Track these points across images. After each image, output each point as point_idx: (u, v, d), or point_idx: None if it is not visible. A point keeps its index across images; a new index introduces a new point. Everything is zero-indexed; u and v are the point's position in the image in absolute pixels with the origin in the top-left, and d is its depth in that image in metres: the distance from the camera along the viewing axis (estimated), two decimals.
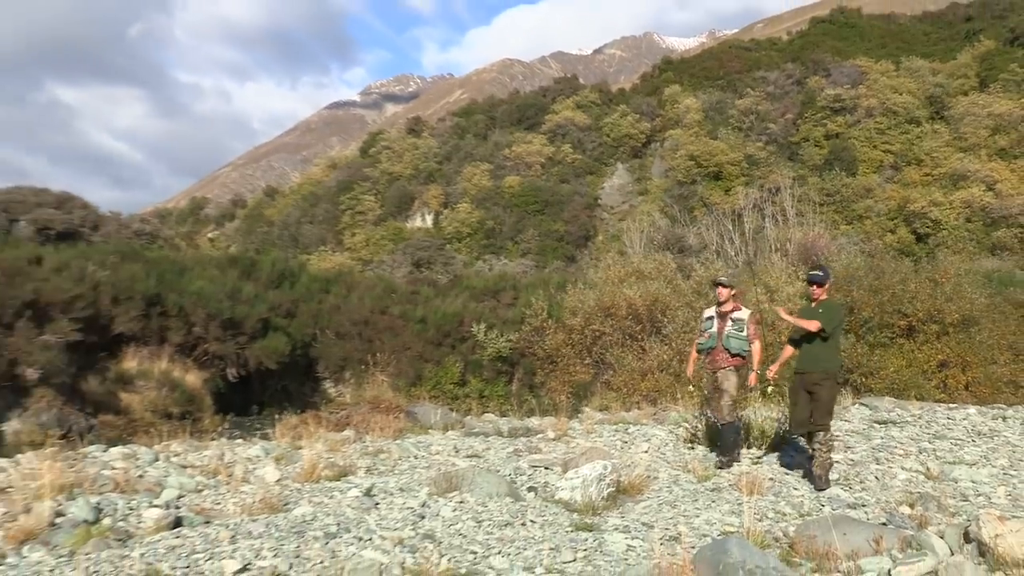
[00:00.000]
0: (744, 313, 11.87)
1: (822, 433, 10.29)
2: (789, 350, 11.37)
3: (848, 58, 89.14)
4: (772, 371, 11.32)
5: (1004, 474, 10.55)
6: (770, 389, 12.27)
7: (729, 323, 11.72)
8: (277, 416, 17.68)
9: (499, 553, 7.59)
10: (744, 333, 11.66)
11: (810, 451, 10.60)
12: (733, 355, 11.63)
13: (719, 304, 11.93)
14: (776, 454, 12.04)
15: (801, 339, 10.93)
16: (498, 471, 10.90)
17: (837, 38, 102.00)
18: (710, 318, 12.07)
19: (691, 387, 14.30)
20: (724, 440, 11.73)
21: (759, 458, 12.01)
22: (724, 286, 11.86)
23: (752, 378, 11.66)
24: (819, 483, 10.04)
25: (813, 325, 10.63)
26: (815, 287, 10.99)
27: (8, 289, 25.89)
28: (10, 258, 27.64)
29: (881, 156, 77.82)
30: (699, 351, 12.13)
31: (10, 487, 9.62)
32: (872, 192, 72.03)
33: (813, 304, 11.04)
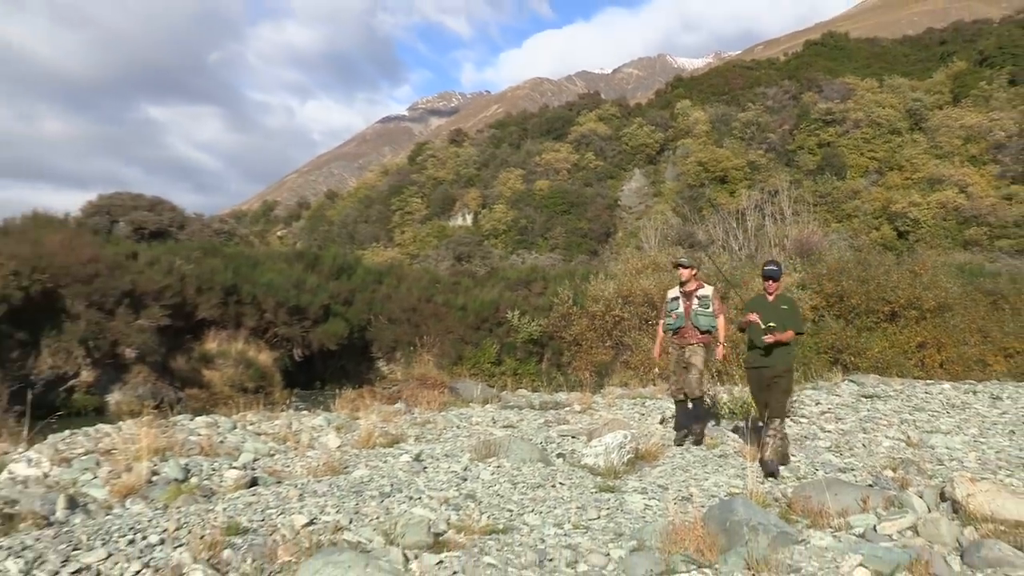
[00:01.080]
0: (708, 290, 11.06)
1: (778, 421, 9.26)
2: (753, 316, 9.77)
3: (838, 76, 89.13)
4: (753, 317, 9.69)
5: (975, 441, 10.52)
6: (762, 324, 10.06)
7: (695, 301, 10.91)
8: (337, 391, 17.71)
9: (532, 511, 7.63)
10: (710, 309, 10.90)
11: (764, 438, 9.31)
12: (702, 332, 10.87)
13: (682, 284, 11.09)
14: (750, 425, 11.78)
15: (757, 332, 9.61)
16: (531, 439, 10.92)
17: (828, 59, 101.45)
18: (675, 298, 11.16)
19: (656, 369, 13.67)
20: (697, 414, 10.96)
21: (735, 427, 11.92)
22: (685, 267, 11.07)
23: (719, 351, 10.90)
24: (768, 467, 8.96)
25: (789, 336, 9.49)
26: (771, 282, 9.83)
27: (110, 280, 26.18)
28: (111, 254, 27.95)
29: (867, 162, 78.38)
30: (666, 331, 11.25)
31: (114, 449, 9.75)
32: (859, 194, 72.28)
33: (770, 299, 9.81)
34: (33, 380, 23.15)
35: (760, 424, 9.75)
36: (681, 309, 10.93)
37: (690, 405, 11.11)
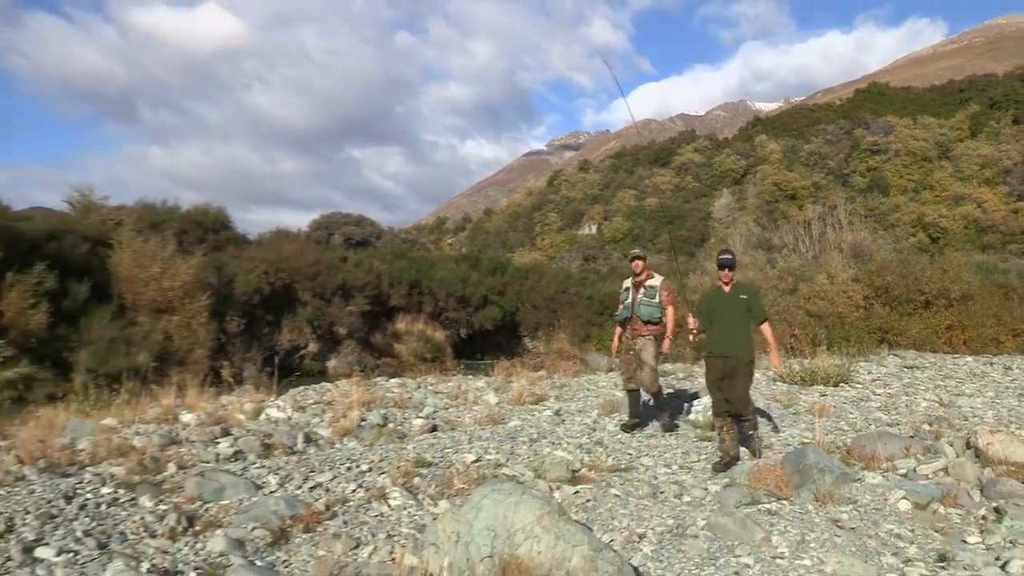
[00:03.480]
0: (656, 280, 8.73)
1: (748, 415, 7.41)
2: (693, 320, 7.74)
3: (881, 116, 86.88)
4: (691, 323, 7.72)
5: (992, 402, 10.04)
6: (694, 337, 8.27)
7: (642, 291, 8.63)
8: (494, 361, 17.87)
9: (647, 455, 7.62)
10: (656, 300, 8.50)
11: (747, 442, 7.54)
12: (646, 322, 8.49)
13: (635, 276, 8.75)
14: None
15: (717, 323, 7.57)
16: (646, 399, 10.88)
17: (873, 102, 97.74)
18: (626, 289, 8.92)
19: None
20: (658, 405, 8.86)
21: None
22: (638, 258, 8.80)
23: (666, 344, 8.59)
24: (756, 451, 7.38)
25: (767, 329, 7.65)
26: (726, 271, 7.61)
27: (328, 277, 27.13)
28: (329, 258, 28.91)
29: (905, 183, 76.63)
30: (618, 322, 9.01)
31: (334, 401, 10.11)
32: (899, 208, 70.74)
33: (727, 289, 7.61)
34: (277, 349, 24.18)
35: (718, 420, 7.48)
36: (629, 299, 8.73)
37: (647, 399, 9.23)
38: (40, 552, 4.43)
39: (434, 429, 8.84)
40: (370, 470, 6.73)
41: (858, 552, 4.77)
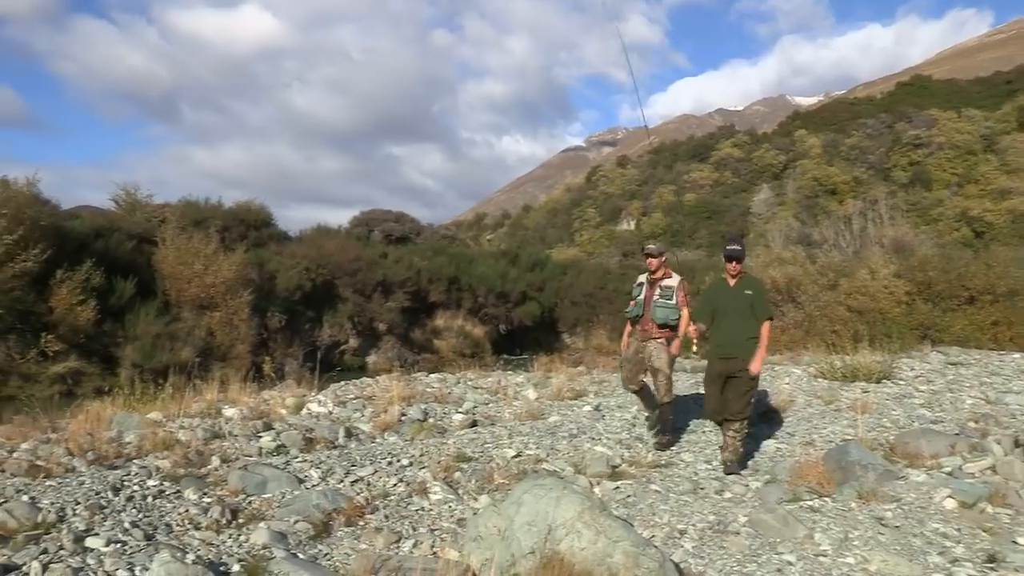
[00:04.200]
0: (674, 280, 7.84)
1: (738, 423, 6.80)
2: (700, 326, 7.19)
3: (924, 109, 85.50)
4: (692, 330, 7.25)
5: None
6: (695, 347, 7.83)
7: (657, 291, 7.79)
8: (533, 356, 17.82)
9: (687, 451, 7.57)
10: (673, 301, 7.68)
11: (723, 438, 7.03)
12: (660, 325, 7.65)
13: (651, 272, 7.91)
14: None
15: (721, 320, 7.00)
16: (685, 395, 10.80)
17: (916, 96, 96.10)
18: (639, 284, 8.05)
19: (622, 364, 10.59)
20: (663, 419, 7.89)
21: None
22: (652, 256, 7.90)
23: (675, 345, 7.71)
24: (729, 467, 6.80)
25: (766, 330, 6.92)
26: (733, 263, 6.98)
27: (368, 273, 27.34)
28: (369, 254, 29.14)
29: (949, 177, 75.05)
30: (628, 319, 8.19)
31: (374, 396, 10.17)
32: (942, 203, 69.21)
33: (733, 283, 6.99)
34: (318, 345, 24.46)
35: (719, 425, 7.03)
36: (642, 297, 7.89)
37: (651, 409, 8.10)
38: (90, 542, 4.52)
39: (474, 424, 8.85)
40: (411, 465, 6.77)
41: (903, 551, 4.70)
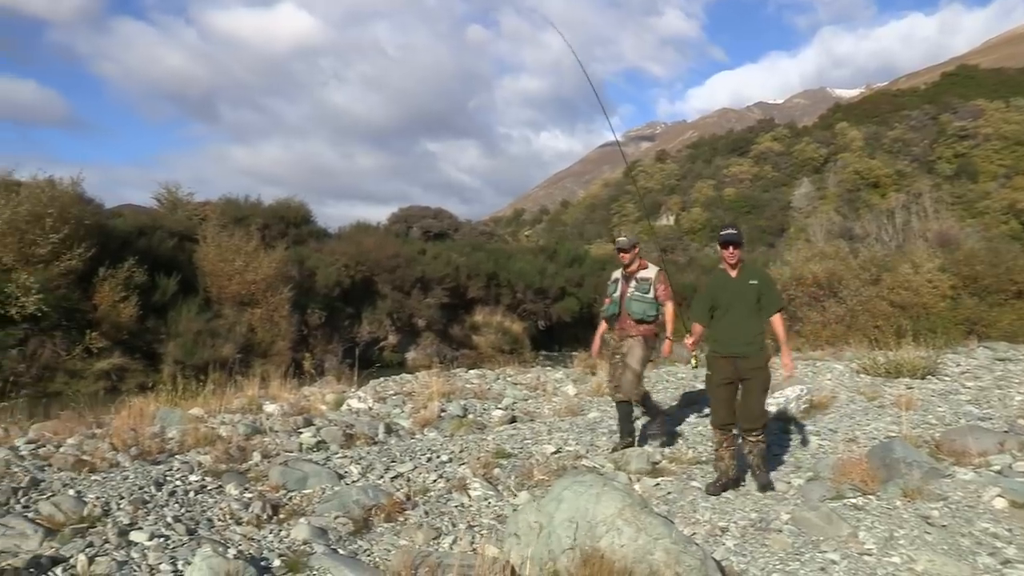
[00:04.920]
0: (650, 271, 7.22)
1: (760, 432, 6.07)
2: (699, 328, 6.39)
3: (970, 100, 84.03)
4: (690, 343, 6.54)
5: None
6: (694, 362, 6.83)
7: (633, 284, 7.17)
8: (572, 352, 17.78)
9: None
10: (650, 295, 7.10)
11: (746, 456, 6.21)
12: (637, 321, 7.08)
13: (625, 267, 7.26)
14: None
15: (724, 315, 6.10)
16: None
17: (961, 86, 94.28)
18: (615, 280, 7.39)
19: (593, 367, 9.27)
20: (650, 414, 7.61)
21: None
22: (623, 250, 7.21)
23: (666, 347, 7.33)
24: (762, 478, 6.09)
25: (779, 322, 6.18)
26: (731, 249, 6.04)
27: (407, 270, 27.51)
28: (408, 251, 29.31)
29: (996, 169, 74.20)
30: (604, 319, 7.54)
31: (414, 392, 10.23)
32: (989, 195, 68.64)
33: (734, 274, 6.10)
34: (358, 341, 24.65)
35: (717, 433, 6.19)
36: (618, 293, 7.26)
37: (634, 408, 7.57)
38: (134, 536, 4.60)
39: (513, 420, 8.86)
40: (450, 461, 6.79)
41: (951, 551, 4.60)
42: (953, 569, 4.34)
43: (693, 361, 6.79)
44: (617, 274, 7.41)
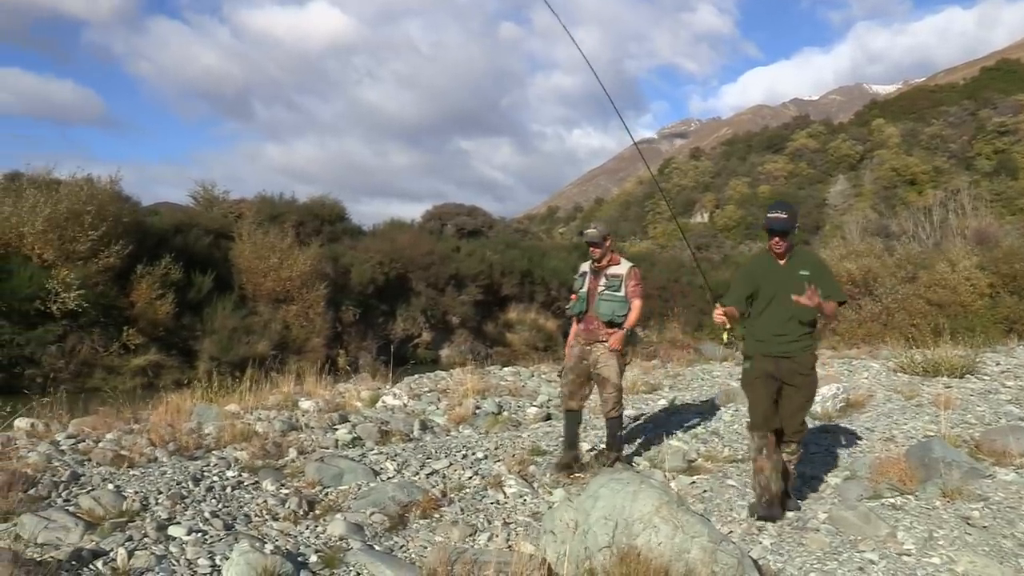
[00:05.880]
0: (622, 267, 6.41)
1: (796, 444, 5.38)
2: (732, 311, 5.32)
3: (1011, 96, 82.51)
4: (719, 314, 5.29)
5: None
6: (725, 336, 5.60)
7: (603, 280, 6.36)
8: None
9: None
10: (620, 292, 6.28)
11: (784, 465, 5.38)
12: (607, 323, 6.29)
13: (595, 260, 6.41)
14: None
15: (765, 307, 5.20)
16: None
17: (1002, 81, 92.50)
18: (582, 274, 6.57)
19: (557, 376, 8.68)
20: (612, 433, 6.59)
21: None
22: (594, 244, 6.36)
23: (616, 338, 6.27)
24: (792, 504, 5.47)
25: (831, 307, 5.14)
26: (777, 239, 5.10)
27: (441, 267, 27.60)
28: (442, 248, 29.41)
29: None
30: (571, 316, 6.68)
31: (448, 389, 10.27)
32: None
33: (782, 262, 5.18)
34: (392, 338, 24.79)
35: (757, 438, 5.32)
36: (585, 289, 6.46)
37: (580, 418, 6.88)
38: (172, 530, 4.67)
39: (548, 418, 8.85)
40: (485, 458, 6.81)
41: (992, 552, 4.53)
42: (995, 571, 4.27)
43: (724, 336, 5.67)
44: (585, 267, 6.60)
